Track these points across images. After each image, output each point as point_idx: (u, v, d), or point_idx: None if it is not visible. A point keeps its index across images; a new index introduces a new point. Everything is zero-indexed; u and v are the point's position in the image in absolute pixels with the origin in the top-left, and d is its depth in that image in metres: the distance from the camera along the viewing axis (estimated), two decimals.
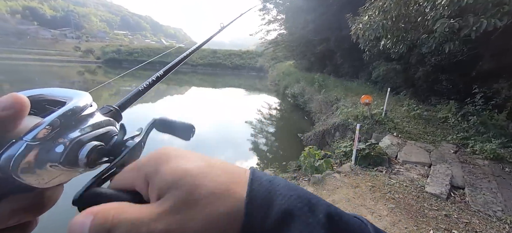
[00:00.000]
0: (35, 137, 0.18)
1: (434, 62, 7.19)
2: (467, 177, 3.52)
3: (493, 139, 4.54)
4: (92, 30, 77.47)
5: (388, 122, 5.64)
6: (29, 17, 68.77)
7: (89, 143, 0.21)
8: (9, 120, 0.18)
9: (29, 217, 0.20)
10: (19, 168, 0.17)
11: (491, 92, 5.93)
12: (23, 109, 0.18)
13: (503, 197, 3.03)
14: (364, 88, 9.78)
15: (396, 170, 3.78)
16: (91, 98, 0.23)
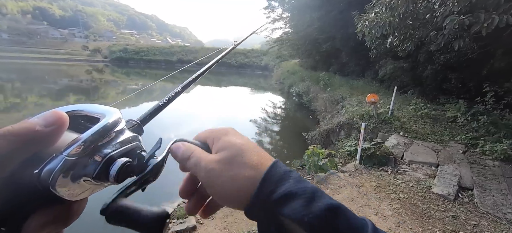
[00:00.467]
0: (73, 153, 0.19)
1: (443, 60, 7.01)
2: (476, 178, 3.43)
3: (504, 139, 4.41)
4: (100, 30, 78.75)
5: (395, 121, 5.54)
6: (39, 17, 70.45)
7: (119, 160, 0.22)
8: (51, 135, 0.19)
9: (57, 229, 0.21)
10: (57, 182, 0.18)
11: (502, 91, 5.75)
12: (64, 125, 0.20)
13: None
14: (370, 87, 9.64)
15: (402, 170, 3.71)
16: (120, 114, 0.24)
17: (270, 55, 29.39)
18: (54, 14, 79.45)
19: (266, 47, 27.76)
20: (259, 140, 7.84)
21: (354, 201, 2.89)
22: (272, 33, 20.11)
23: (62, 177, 0.18)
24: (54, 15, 79.28)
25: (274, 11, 18.25)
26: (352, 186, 3.21)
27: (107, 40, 59.32)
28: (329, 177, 3.44)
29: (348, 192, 3.08)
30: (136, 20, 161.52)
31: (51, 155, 0.19)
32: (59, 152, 0.19)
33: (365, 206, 2.78)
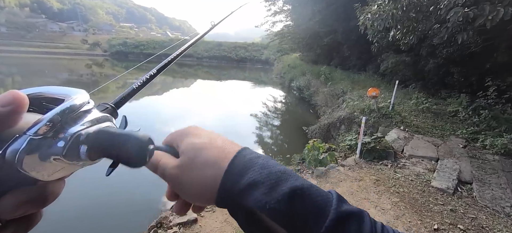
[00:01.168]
0: (37, 132, 0.19)
1: (445, 54, 6.94)
2: (475, 172, 3.44)
3: (505, 133, 4.40)
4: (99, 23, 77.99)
5: (395, 116, 5.53)
6: (38, 10, 69.68)
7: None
8: (9, 115, 0.18)
9: (33, 209, 0.21)
10: (24, 162, 0.18)
11: (505, 86, 5.71)
12: (22, 105, 0.19)
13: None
14: (372, 81, 9.58)
15: (402, 164, 3.73)
16: (88, 96, 0.24)
17: (270, 48, 29.13)
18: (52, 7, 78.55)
19: (267, 41, 27.49)
20: (260, 134, 7.86)
21: (354, 194, 2.91)
22: (273, 26, 19.86)
23: (29, 156, 0.18)
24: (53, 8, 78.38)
25: (275, 4, 17.97)
26: (351, 180, 3.23)
27: (106, 33, 58.84)
28: (329, 171, 3.46)
29: (348, 186, 3.10)
30: (135, 13, 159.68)
31: (14, 136, 0.18)
32: (22, 131, 0.19)
33: (364, 200, 2.81)
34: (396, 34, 5.28)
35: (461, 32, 4.01)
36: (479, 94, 5.96)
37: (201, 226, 2.79)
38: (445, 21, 3.99)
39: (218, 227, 2.70)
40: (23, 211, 0.20)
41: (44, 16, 64.36)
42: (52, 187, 0.22)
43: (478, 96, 5.97)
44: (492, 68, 6.15)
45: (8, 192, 0.19)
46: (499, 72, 5.95)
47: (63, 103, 0.21)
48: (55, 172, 0.21)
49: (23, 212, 0.20)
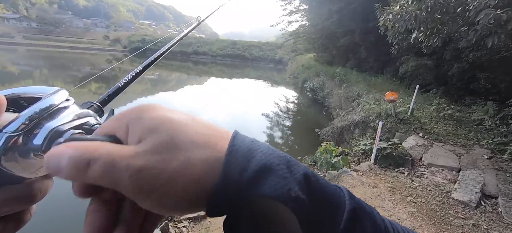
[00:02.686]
0: (15, 129, 0.19)
1: (472, 58, 6.52)
2: (502, 186, 3.21)
3: None
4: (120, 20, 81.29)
5: (414, 122, 5.28)
6: (65, 7, 73.97)
7: (68, 131, 0.21)
8: None
9: (21, 207, 0.20)
10: (3, 159, 0.18)
11: None
12: (1, 103, 0.18)
13: None
14: (389, 84, 9.23)
15: (420, 172, 3.55)
16: (67, 94, 0.23)
17: (285, 48, 28.92)
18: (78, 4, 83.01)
19: (282, 40, 27.29)
20: (270, 134, 7.83)
21: (367, 201, 2.80)
22: (288, 26, 19.64)
23: (8, 154, 0.18)
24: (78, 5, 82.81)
25: (291, 3, 17.77)
26: (365, 186, 3.12)
27: (126, 30, 61.23)
28: (341, 175, 3.37)
29: (361, 192, 3.00)
30: (154, 11, 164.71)
31: None
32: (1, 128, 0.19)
33: (379, 208, 2.70)
34: (418, 36, 5.03)
35: (491, 35, 3.75)
36: (509, 103, 5.54)
37: (210, 222, 2.82)
38: (474, 24, 3.74)
39: None
40: (9, 209, 0.19)
41: (71, 13, 68.16)
42: (39, 185, 0.21)
43: (507, 105, 5.55)
44: None
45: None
46: None
47: (40, 101, 0.21)
48: (39, 169, 0.20)
49: (10, 210, 0.19)
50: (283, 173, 0.17)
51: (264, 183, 0.16)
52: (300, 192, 0.17)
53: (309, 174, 0.18)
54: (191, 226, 2.81)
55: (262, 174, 0.17)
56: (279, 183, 0.16)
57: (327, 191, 0.19)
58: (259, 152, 0.18)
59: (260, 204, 0.16)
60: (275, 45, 40.29)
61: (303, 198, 0.17)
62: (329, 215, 0.18)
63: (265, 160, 0.17)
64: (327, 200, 0.18)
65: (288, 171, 0.17)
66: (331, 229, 0.18)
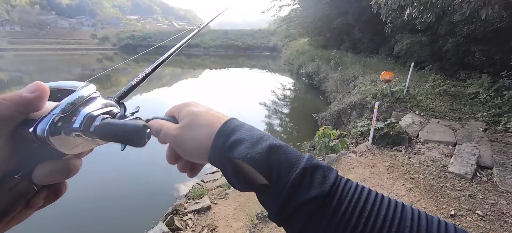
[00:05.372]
0: (59, 112, 0.24)
1: (466, 31, 6.49)
2: (496, 156, 3.29)
3: None
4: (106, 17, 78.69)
5: (410, 100, 5.32)
6: (47, 7, 71.08)
7: (99, 116, 0.26)
8: (35, 100, 0.24)
9: (60, 179, 0.26)
10: (51, 137, 0.23)
11: None
12: (45, 92, 0.24)
13: None
14: (385, 64, 9.20)
15: (417, 149, 3.62)
16: (95, 88, 0.29)
17: (278, 34, 28.47)
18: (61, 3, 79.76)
19: (274, 26, 26.78)
20: (269, 123, 7.85)
21: (366, 181, 2.88)
22: (280, 11, 19.20)
23: (54, 132, 0.23)
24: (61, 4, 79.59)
25: None
26: (364, 167, 3.18)
27: (113, 27, 59.47)
28: (340, 158, 3.42)
29: (360, 172, 3.06)
30: (141, 5, 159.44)
31: (39, 119, 0.23)
32: (47, 113, 0.23)
33: (377, 186, 2.77)
34: (412, 12, 4.97)
35: (485, 6, 3.71)
36: (503, 74, 5.59)
37: (214, 213, 2.88)
38: None
39: (231, 214, 2.77)
40: (53, 179, 0.25)
41: (54, 13, 65.70)
42: (74, 162, 0.27)
43: (502, 76, 5.60)
44: None
45: (41, 162, 0.24)
46: None
47: (76, 92, 0.26)
48: (76, 147, 0.26)
49: (53, 180, 0.25)
50: (248, 144, 0.27)
51: (234, 150, 0.27)
52: (256, 155, 0.26)
53: (274, 144, 0.27)
54: (196, 218, 2.87)
55: (235, 144, 0.27)
56: (242, 150, 0.26)
57: (287, 157, 0.26)
58: (238, 132, 0.28)
59: (235, 161, 0.26)
60: (268, 32, 39.62)
61: (259, 159, 0.26)
62: (284, 170, 0.25)
63: (239, 136, 0.28)
64: (285, 161, 0.26)
65: (253, 144, 0.27)
66: (285, 177, 0.25)
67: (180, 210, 2.99)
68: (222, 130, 0.29)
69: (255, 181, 0.26)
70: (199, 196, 3.09)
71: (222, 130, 0.29)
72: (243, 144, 0.27)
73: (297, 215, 0.24)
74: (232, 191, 3.19)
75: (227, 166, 0.27)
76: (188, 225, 2.72)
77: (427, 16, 4.87)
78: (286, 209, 0.25)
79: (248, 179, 0.27)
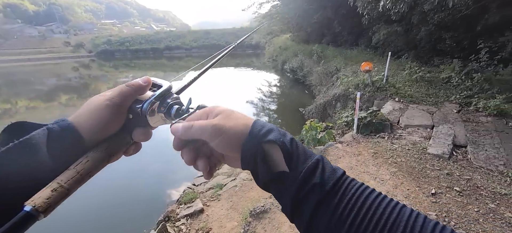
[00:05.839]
0: (155, 98, 0.37)
1: (437, 19, 6.86)
2: (469, 135, 3.54)
3: (498, 94, 4.48)
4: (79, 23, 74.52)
5: (390, 88, 5.56)
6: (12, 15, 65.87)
7: (175, 106, 0.39)
8: (145, 88, 0.37)
9: (143, 139, 0.38)
10: (148, 113, 0.36)
11: (496, 47, 5.72)
12: (150, 83, 0.38)
13: (506, 152, 3.07)
14: (364, 55, 9.52)
15: (398, 135, 3.80)
16: (172, 86, 0.41)
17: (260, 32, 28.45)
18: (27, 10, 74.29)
19: (256, 24, 26.73)
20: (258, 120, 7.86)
21: (353, 169, 2.98)
22: (260, 8, 19.15)
23: (151, 110, 0.36)
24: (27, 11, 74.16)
25: None
26: (350, 156, 3.29)
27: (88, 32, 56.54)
28: (327, 149, 3.51)
29: (347, 161, 3.16)
30: (115, 8, 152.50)
31: (144, 101, 0.36)
32: (148, 99, 0.36)
33: (364, 173, 2.88)
34: (386, 3, 5.18)
35: None
36: (472, 58, 5.98)
37: (208, 215, 2.85)
38: None
39: (225, 214, 2.76)
40: (140, 139, 0.38)
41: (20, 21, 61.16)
42: (151, 131, 0.38)
43: (470, 60, 5.99)
44: (484, 30, 6.13)
45: (137, 127, 0.36)
46: (491, 33, 5.94)
47: (163, 87, 0.39)
48: (157, 122, 0.38)
49: (141, 139, 0.38)
50: (278, 133, 0.32)
51: (270, 135, 0.31)
52: (286, 141, 0.31)
53: (295, 139, 0.33)
54: (189, 222, 2.82)
55: (269, 132, 0.32)
56: (276, 136, 0.31)
57: (305, 149, 0.32)
58: (268, 125, 0.33)
59: (266, 147, 0.31)
60: (250, 29, 39.51)
61: (287, 145, 0.31)
62: (302, 159, 0.31)
63: (271, 127, 0.33)
64: (302, 151, 0.32)
65: (282, 135, 0.32)
66: (302, 165, 0.30)
67: (172, 216, 2.92)
68: (257, 121, 0.34)
69: (277, 168, 0.30)
70: (191, 200, 3.05)
71: (257, 121, 0.34)
72: (274, 133, 0.32)
73: (308, 199, 0.28)
74: (225, 192, 3.18)
75: (258, 152, 0.31)
76: (182, 231, 2.68)
77: (400, 6, 5.10)
78: (300, 192, 0.29)
79: (272, 165, 0.30)
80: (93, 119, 0.32)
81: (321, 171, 0.29)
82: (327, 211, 0.27)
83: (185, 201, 3.06)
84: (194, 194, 3.16)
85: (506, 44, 5.57)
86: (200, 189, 3.43)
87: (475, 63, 5.82)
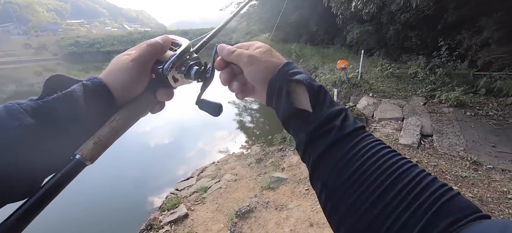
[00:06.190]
0: (174, 59, 0.36)
1: (403, 19, 7.40)
2: (435, 125, 3.87)
3: (457, 87, 4.96)
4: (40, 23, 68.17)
5: (364, 84, 5.88)
6: None
7: (195, 67, 0.39)
8: (165, 47, 0.37)
9: (167, 99, 0.39)
10: (169, 73, 0.36)
11: (454, 44, 6.33)
12: (170, 42, 0.38)
13: (465, 139, 3.41)
14: (340, 53, 9.96)
15: (373, 128, 4.03)
16: (191, 45, 0.41)
17: (239, 32, 28.40)
18: None
19: (234, 24, 26.62)
20: (240, 121, 7.85)
21: None
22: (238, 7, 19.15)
23: (171, 71, 0.36)
24: None
25: None
26: None
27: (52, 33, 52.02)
28: None
29: None
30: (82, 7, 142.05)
31: (165, 61, 0.36)
32: (168, 59, 0.36)
33: None
34: (357, 4, 5.46)
35: None
36: (434, 54, 6.55)
37: (193, 220, 2.79)
38: None
39: (210, 217, 2.72)
40: (164, 98, 0.39)
41: None
42: (172, 91, 0.39)
43: (433, 56, 6.55)
44: (444, 29, 6.74)
45: (160, 87, 0.37)
46: (449, 31, 6.55)
47: (182, 47, 0.38)
48: (177, 83, 0.38)
49: (164, 99, 0.39)
50: (307, 76, 0.33)
51: (298, 76, 0.33)
52: (313, 83, 0.32)
53: (323, 87, 0.33)
54: (173, 229, 2.74)
55: (297, 73, 0.33)
56: (305, 78, 0.32)
57: (332, 99, 0.33)
58: (297, 68, 0.35)
59: (293, 84, 0.32)
60: (229, 29, 39.17)
61: (314, 88, 0.32)
62: (328, 104, 0.32)
63: (300, 71, 0.34)
64: (329, 99, 0.32)
65: (311, 78, 0.33)
66: (326, 109, 0.31)
67: (155, 224, 2.82)
68: (289, 63, 0.36)
69: (300, 105, 0.31)
70: (174, 206, 2.96)
71: (289, 63, 0.36)
72: (303, 74, 0.33)
73: (324, 138, 0.29)
74: (209, 195, 3.13)
75: (283, 87, 0.33)
76: None
77: (370, 7, 5.41)
78: (318, 130, 0.30)
79: (296, 101, 0.32)
80: (121, 79, 0.34)
81: (344, 117, 0.30)
82: (339, 152, 0.28)
83: (168, 207, 2.96)
84: (177, 199, 3.07)
85: (462, 41, 6.19)
86: (184, 193, 3.34)
87: (437, 59, 6.38)
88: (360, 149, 0.27)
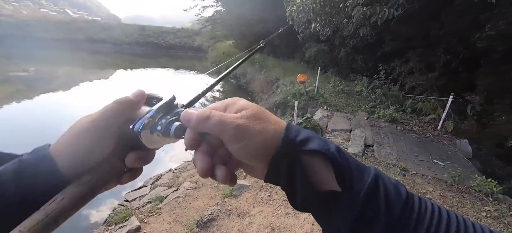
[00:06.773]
0: (149, 117, 0.30)
1: (352, 44, 8.51)
2: (375, 136, 4.49)
3: (391, 105, 5.90)
4: None
5: (320, 98, 6.45)
6: None
7: (175, 123, 0.31)
8: (137, 103, 0.31)
9: (141, 165, 0.32)
10: (142, 134, 0.29)
11: (390, 69, 7.56)
12: (144, 97, 0.32)
13: (396, 149, 4.05)
14: (299, 68, 10.72)
15: (327, 138, 4.43)
16: (174, 96, 0.34)
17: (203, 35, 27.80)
18: None
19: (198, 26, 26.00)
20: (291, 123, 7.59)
21: None
22: (203, 11, 18.84)
23: (144, 130, 0.29)
24: None
25: None
26: None
27: None
28: None
29: None
30: None
31: (137, 119, 0.30)
32: (142, 116, 0.30)
33: None
34: (316, 26, 6.02)
35: (362, 26, 4.98)
36: (375, 76, 7.69)
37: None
38: (351, 17, 4.84)
39: (167, 229, 2.52)
40: (137, 164, 0.31)
41: None
42: (151, 153, 0.32)
43: (374, 78, 7.68)
44: (382, 56, 8.00)
45: (132, 150, 0.30)
46: (386, 58, 7.81)
47: (161, 102, 0.32)
48: (155, 143, 0.31)
49: (137, 164, 0.31)
50: (321, 140, 0.26)
51: (311, 143, 0.25)
52: (335, 152, 0.25)
53: (341, 148, 0.27)
54: None
55: (308, 139, 0.26)
56: (320, 144, 0.25)
57: (355, 159, 0.27)
58: (305, 130, 0.27)
59: (307, 157, 0.25)
60: (192, 31, 37.89)
61: (337, 156, 0.24)
62: (357, 175, 0.25)
63: (309, 133, 0.27)
64: (354, 165, 0.26)
65: (324, 142, 0.26)
66: (359, 183, 0.24)
67: None
68: (291, 125, 0.27)
69: (323, 186, 0.24)
70: (124, 219, 2.63)
71: (291, 125, 0.27)
72: (315, 141, 0.25)
73: (372, 229, 0.23)
74: (166, 205, 2.89)
75: (296, 164, 0.25)
76: None
77: (326, 30, 6.04)
78: (362, 220, 0.23)
79: (317, 182, 0.24)
80: (73, 145, 0.27)
81: (384, 192, 0.24)
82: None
83: (115, 221, 2.62)
84: (127, 211, 2.75)
85: (395, 68, 7.43)
86: (135, 204, 3.01)
87: (377, 80, 7.50)
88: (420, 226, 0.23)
